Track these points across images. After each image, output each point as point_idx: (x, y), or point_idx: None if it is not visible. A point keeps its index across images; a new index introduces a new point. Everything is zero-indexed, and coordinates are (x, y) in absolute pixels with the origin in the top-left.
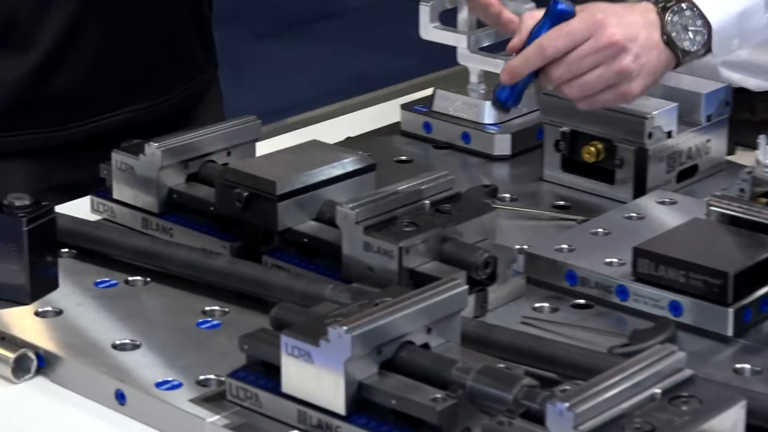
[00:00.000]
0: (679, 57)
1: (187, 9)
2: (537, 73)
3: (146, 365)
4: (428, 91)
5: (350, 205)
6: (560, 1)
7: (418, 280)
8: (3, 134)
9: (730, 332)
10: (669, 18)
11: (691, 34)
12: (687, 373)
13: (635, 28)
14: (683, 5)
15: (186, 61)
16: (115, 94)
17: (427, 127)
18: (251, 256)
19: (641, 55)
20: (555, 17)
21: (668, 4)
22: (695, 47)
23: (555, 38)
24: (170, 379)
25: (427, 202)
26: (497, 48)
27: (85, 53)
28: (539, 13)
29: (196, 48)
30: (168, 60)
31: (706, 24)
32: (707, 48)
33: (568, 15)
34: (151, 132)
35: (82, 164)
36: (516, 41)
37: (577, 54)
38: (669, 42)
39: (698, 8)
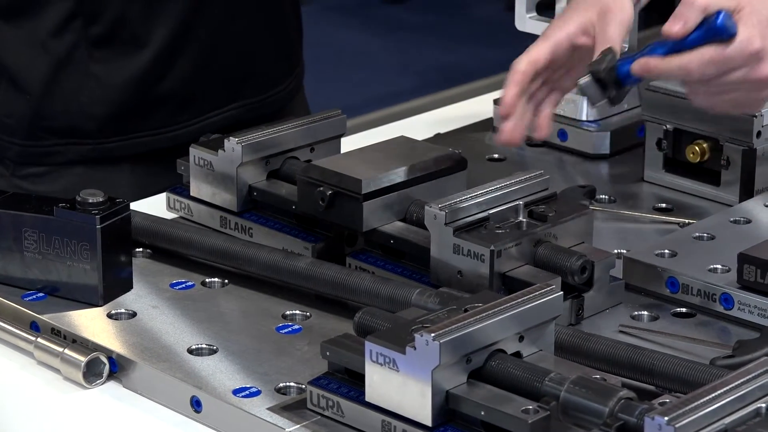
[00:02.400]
0: None
1: (285, 4)
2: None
3: (223, 371)
4: None
5: (439, 206)
6: (723, 16)
7: (511, 286)
8: (110, 140)
9: None
10: None
11: None
12: None
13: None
14: None
15: (288, 54)
16: (221, 91)
17: None
18: (334, 257)
19: None
20: (712, 32)
21: None
22: None
23: (706, 65)
24: (248, 386)
25: (520, 202)
26: None
27: (194, 52)
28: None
29: (295, 39)
30: (272, 53)
31: None
32: None
33: (726, 35)
34: None
35: None
36: (678, 28)
37: (725, 80)
38: None
39: None
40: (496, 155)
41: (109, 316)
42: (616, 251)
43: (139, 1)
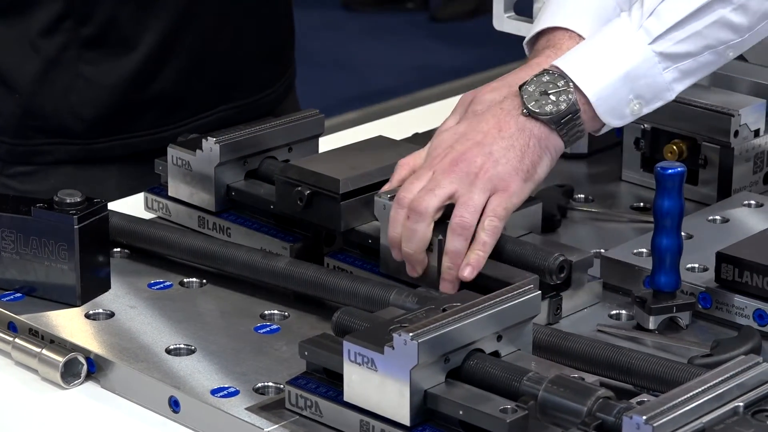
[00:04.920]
0: (548, 123)
1: (278, 3)
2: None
3: (201, 371)
4: None
5: (389, 195)
6: None
7: (489, 286)
8: (98, 141)
9: None
10: (526, 91)
11: (553, 97)
12: None
13: (469, 126)
14: (544, 74)
15: (278, 56)
16: (211, 94)
17: None
18: (313, 257)
19: (487, 153)
20: None
21: (526, 81)
22: (564, 106)
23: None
24: (226, 386)
25: None
26: None
27: (184, 55)
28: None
29: (286, 42)
30: (263, 56)
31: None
32: (591, 114)
33: None
34: None
35: None
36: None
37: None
38: (530, 114)
39: (559, 69)
40: None
41: (87, 316)
42: (593, 251)
43: (130, 4)
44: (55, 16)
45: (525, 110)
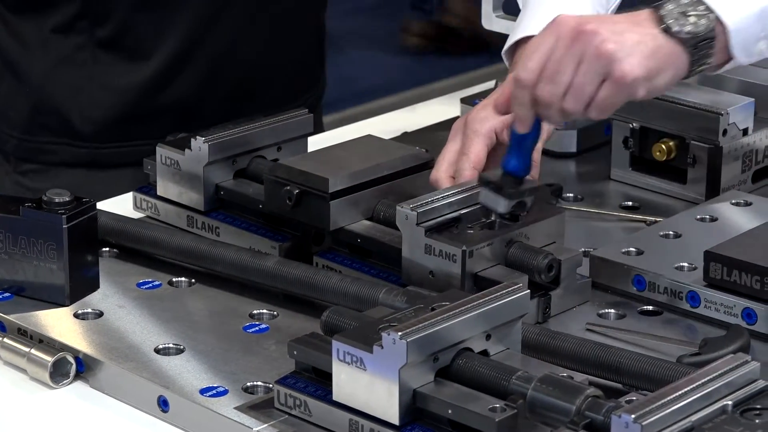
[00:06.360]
0: (684, 43)
1: (308, 15)
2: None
3: (190, 371)
4: (489, 84)
5: (411, 206)
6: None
7: (482, 286)
8: (106, 145)
9: None
10: (665, 9)
11: (693, 18)
12: (760, 384)
13: (602, 18)
14: None
15: (301, 75)
16: (225, 107)
17: None
18: (301, 256)
19: (617, 34)
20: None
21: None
22: (700, 29)
23: (524, 62)
24: (215, 385)
25: None
26: None
27: (200, 66)
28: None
29: (313, 61)
30: (283, 73)
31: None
32: (723, 44)
33: None
34: None
35: None
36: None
37: (551, 61)
38: (667, 30)
39: (703, 1)
40: None
41: (76, 315)
42: (582, 249)
43: (147, 9)
44: (72, 15)
45: (664, 26)
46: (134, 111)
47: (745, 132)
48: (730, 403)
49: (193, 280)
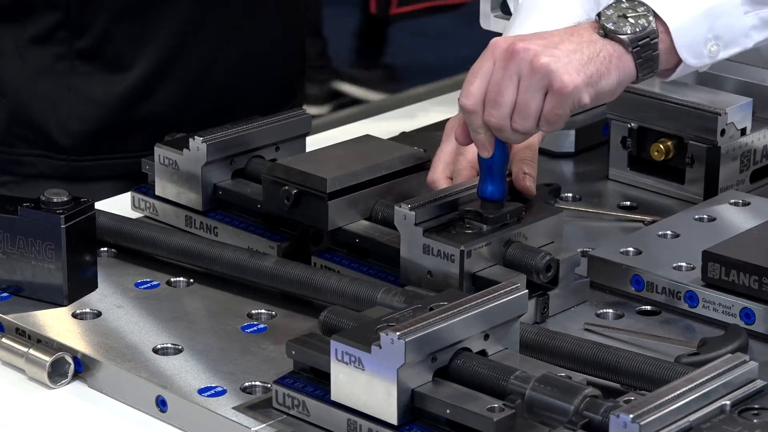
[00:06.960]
0: (625, 44)
1: (290, 31)
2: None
3: (189, 371)
4: None
5: (409, 206)
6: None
7: (480, 286)
8: (84, 158)
9: None
10: (605, 14)
11: (632, 20)
12: (759, 384)
13: (537, 34)
14: (623, 1)
15: (281, 86)
16: (206, 119)
17: None
18: (300, 256)
19: (550, 47)
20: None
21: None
22: (638, 29)
23: (466, 89)
24: (214, 385)
25: None
26: None
27: (181, 78)
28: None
29: (293, 72)
30: (264, 85)
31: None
32: (668, 45)
33: None
34: None
35: None
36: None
37: (492, 84)
38: (606, 33)
39: (643, 3)
40: None
41: (74, 315)
42: (580, 249)
43: (127, 20)
44: (51, 25)
45: (602, 30)
46: (113, 123)
47: (743, 132)
48: (728, 402)
49: (191, 280)
